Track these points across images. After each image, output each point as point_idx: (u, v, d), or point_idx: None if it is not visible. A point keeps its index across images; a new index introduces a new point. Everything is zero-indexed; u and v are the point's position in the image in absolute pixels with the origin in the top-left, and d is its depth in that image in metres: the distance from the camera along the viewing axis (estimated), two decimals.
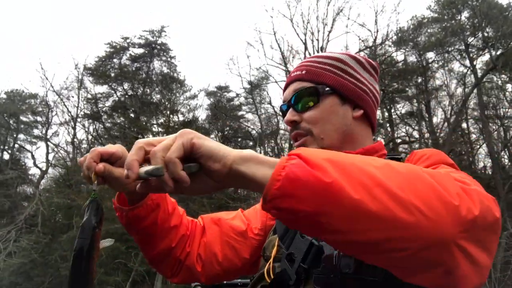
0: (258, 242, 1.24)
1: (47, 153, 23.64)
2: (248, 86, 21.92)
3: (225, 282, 1.40)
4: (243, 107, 25.36)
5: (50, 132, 24.57)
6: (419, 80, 21.39)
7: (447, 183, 0.68)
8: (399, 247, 0.64)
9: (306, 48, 18.77)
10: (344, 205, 0.62)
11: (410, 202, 0.63)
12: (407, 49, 21.18)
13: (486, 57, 19.72)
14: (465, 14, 20.29)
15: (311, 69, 1.18)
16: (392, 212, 0.62)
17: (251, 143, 24.42)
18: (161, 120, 22.80)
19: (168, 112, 22.24)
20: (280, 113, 1.26)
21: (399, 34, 20.33)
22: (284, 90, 1.23)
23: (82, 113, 23.73)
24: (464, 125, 20.99)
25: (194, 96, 24.12)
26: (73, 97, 23.44)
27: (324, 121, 1.13)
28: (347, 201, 0.62)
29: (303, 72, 1.18)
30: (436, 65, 21.47)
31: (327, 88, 1.14)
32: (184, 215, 1.25)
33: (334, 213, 0.62)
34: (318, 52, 17.62)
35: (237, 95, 25.11)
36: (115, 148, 0.98)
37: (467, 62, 20.18)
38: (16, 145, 26.09)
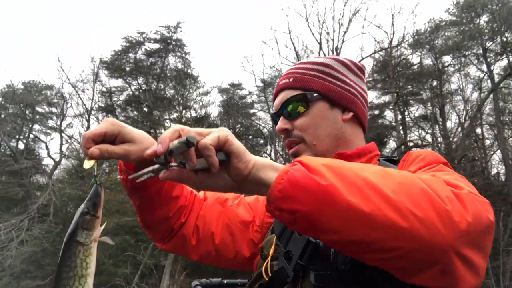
0: (256, 238, 1.25)
1: (61, 144, 24.02)
2: (261, 84, 21.94)
3: (225, 282, 1.43)
4: (255, 105, 25.40)
5: (64, 123, 24.96)
6: (434, 83, 21.16)
7: (437, 187, 0.73)
8: (390, 246, 0.69)
9: (321, 48, 18.68)
10: (339, 206, 0.67)
11: (402, 204, 0.68)
12: (423, 52, 20.96)
13: (504, 62, 19.44)
14: (484, 18, 20.01)
15: (298, 76, 1.19)
16: (384, 213, 0.67)
17: (261, 141, 24.43)
18: (174, 116, 22.91)
19: (181, 108, 22.33)
20: (273, 122, 1.31)
21: (416, 37, 20.10)
22: (274, 98, 1.24)
23: (96, 106, 24.04)
24: (478, 130, 20.70)
25: (207, 93, 24.24)
26: (88, 89, 23.74)
27: (315, 127, 1.14)
28: (342, 202, 0.67)
29: (290, 80, 1.19)
30: (452, 69, 21.22)
31: (315, 94, 1.15)
32: (185, 186, 1.23)
33: (329, 213, 0.68)
34: (333, 52, 17.53)
35: (250, 93, 25.20)
36: (104, 127, 0.91)
37: (484, 67, 19.90)
38: (31, 135, 26.62)
